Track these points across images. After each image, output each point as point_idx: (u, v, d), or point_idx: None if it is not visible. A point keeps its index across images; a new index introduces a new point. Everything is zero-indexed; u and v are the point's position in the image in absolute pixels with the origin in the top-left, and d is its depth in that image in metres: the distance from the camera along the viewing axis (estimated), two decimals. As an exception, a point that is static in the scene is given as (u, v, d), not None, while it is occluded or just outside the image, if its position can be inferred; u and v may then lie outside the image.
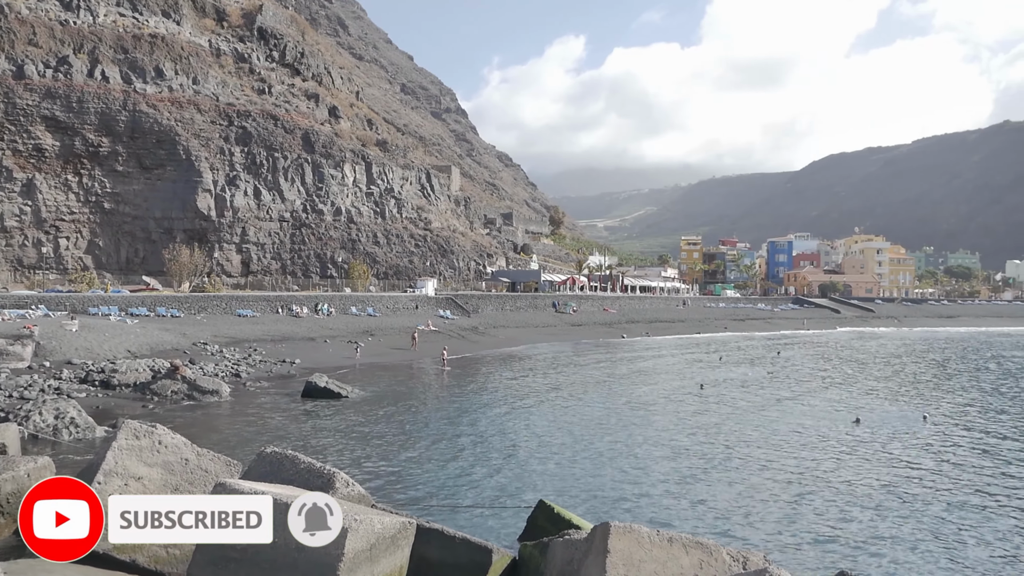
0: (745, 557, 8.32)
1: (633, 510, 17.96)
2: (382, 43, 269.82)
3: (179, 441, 11.51)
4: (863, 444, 26.20)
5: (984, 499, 19.44)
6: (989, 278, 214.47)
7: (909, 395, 40.21)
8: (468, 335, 67.40)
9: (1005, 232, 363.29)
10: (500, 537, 14.88)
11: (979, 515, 18.05)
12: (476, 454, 23.85)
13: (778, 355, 64.56)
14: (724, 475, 21.67)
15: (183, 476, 11.02)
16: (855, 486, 20.52)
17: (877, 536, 16.42)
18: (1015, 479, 21.62)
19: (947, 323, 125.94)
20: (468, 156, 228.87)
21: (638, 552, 7.73)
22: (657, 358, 60.20)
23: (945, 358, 64.85)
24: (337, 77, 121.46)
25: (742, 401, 36.66)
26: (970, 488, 20.52)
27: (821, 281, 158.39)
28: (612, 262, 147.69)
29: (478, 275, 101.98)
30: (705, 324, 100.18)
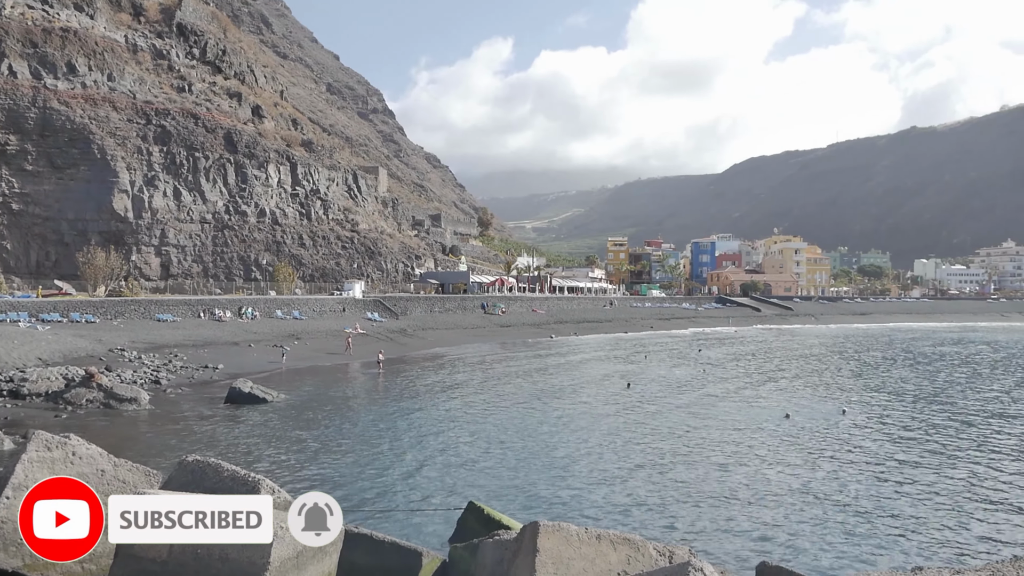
0: (671, 551, 8.49)
1: (563, 509, 18.12)
2: (307, 42, 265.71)
3: (95, 451, 11.09)
4: (789, 438, 27.03)
5: (897, 487, 20.28)
6: (899, 277, 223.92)
7: (829, 390, 41.63)
8: (397, 337, 66.88)
9: (913, 233, 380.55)
10: (430, 540, 14.84)
11: (894, 502, 18.82)
12: (406, 457, 23.69)
13: (699, 352, 66.10)
14: (653, 471, 22.06)
15: (99, 488, 10.61)
16: (779, 479, 21.15)
17: (798, 526, 16.96)
18: (924, 467, 22.61)
19: (861, 320, 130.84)
20: (396, 157, 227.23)
21: (567, 550, 7.81)
22: (585, 358, 60.86)
23: (860, 354, 67.38)
24: (260, 76, 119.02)
25: (669, 399, 37.35)
26: (885, 477, 21.38)
27: (743, 280, 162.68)
28: (540, 263, 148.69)
29: (406, 277, 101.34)
30: (632, 323, 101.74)
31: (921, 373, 51.09)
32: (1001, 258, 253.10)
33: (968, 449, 25.62)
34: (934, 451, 25.21)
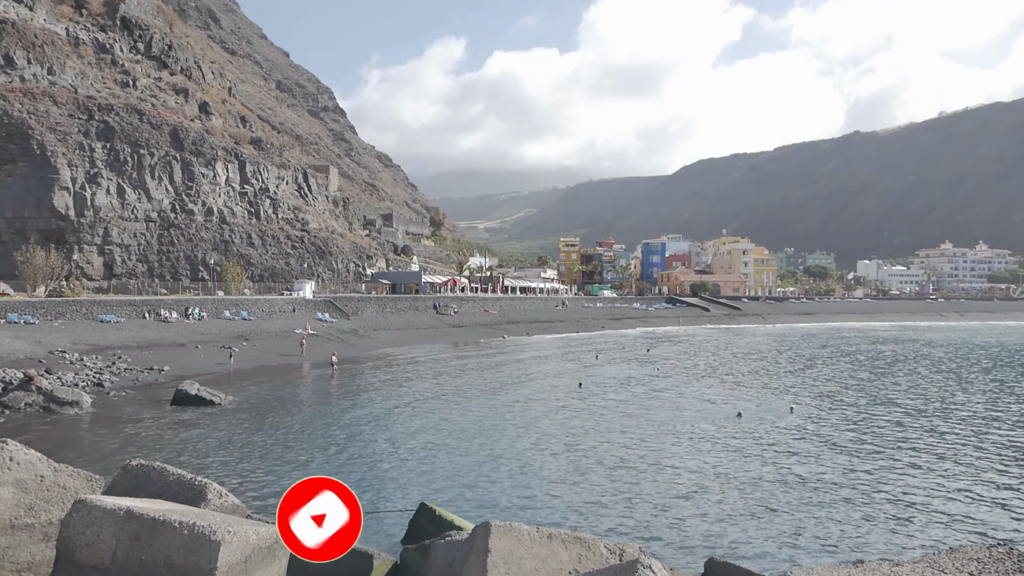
0: (622, 549, 8.58)
1: (515, 509, 18.18)
2: (256, 38, 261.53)
3: (33, 457, 10.76)
4: (740, 436, 27.50)
5: (841, 482, 20.79)
6: (842, 277, 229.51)
7: (778, 388, 42.45)
8: (348, 338, 66.28)
9: (856, 234, 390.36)
10: (382, 542, 14.77)
11: (837, 498, 19.28)
12: (357, 458, 23.51)
13: (648, 352, 66.87)
14: (605, 470, 22.25)
15: (38, 495, 10.31)
16: (730, 476, 21.52)
17: (747, 522, 17.28)
18: (867, 463, 23.22)
19: (806, 319, 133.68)
20: (347, 156, 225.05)
21: (518, 550, 7.83)
22: (537, 358, 61.07)
23: (806, 353, 68.83)
24: (208, 72, 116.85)
25: (621, 398, 37.71)
26: (830, 473, 21.90)
27: (692, 281, 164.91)
28: (493, 263, 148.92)
29: (357, 277, 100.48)
30: (583, 323, 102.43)
31: (864, 371, 52.41)
32: (939, 259, 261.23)
33: (908, 445, 26.37)
34: (876, 448, 25.90)
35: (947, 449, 25.64)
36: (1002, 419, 32.06)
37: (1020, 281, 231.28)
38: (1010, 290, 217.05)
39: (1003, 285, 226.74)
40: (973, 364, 58.17)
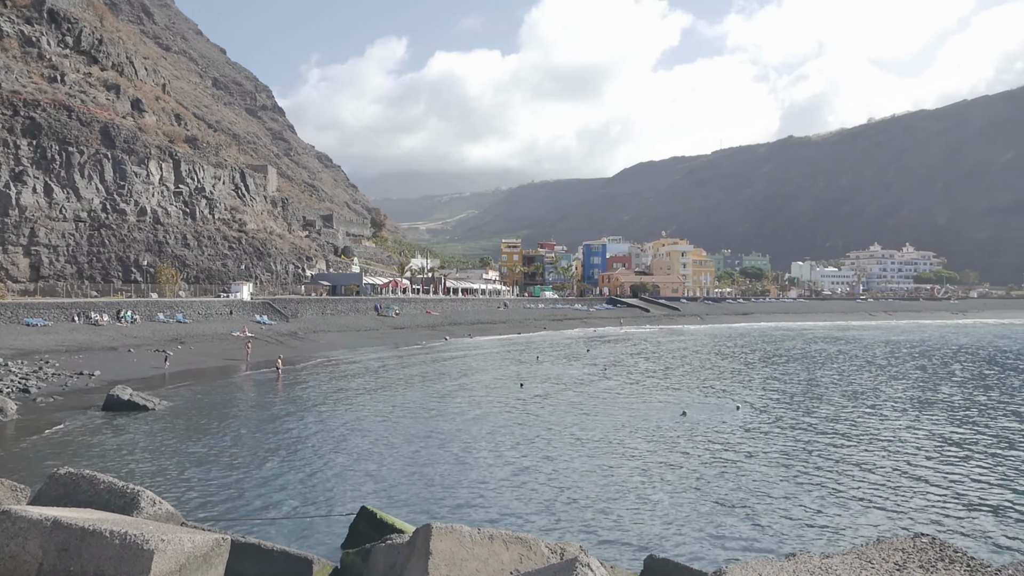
0: (562, 549, 8.65)
1: (458, 510, 18.17)
2: (192, 34, 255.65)
3: (-46, 466, 10.35)
4: (685, 435, 27.92)
5: (780, 478, 21.31)
6: (778, 278, 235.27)
7: (721, 387, 43.20)
8: (287, 340, 65.27)
9: (790, 236, 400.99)
10: (322, 547, 14.62)
11: (776, 493, 19.76)
12: (297, 463, 23.17)
13: (588, 352, 67.51)
14: (548, 470, 22.36)
15: (-40, 505, 9.91)
16: (673, 474, 21.85)
17: (688, 519, 17.58)
18: (804, 459, 23.85)
19: (743, 320, 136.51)
20: (286, 156, 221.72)
21: (460, 551, 7.83)
22: (479, 359, 61.06)
23: (746, 352, 70.29)
24: (141, 68, 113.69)
25: (562, 398, 37.95)
26: (769, 469, 22.42)
27: (632, 282, 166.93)
28: (435, 264, 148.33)
29: (297, 278, 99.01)
30: (525, 324, 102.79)
31: (801, 369, 53.78)
32: (868, 261, 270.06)
33: (841, 441, 27.16)
34: (812, 443, 26.61)
35: (877, 443, 26.51)
36: (928, 415, 33.27)
37: (944, 282, 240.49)
38: (935, 290, 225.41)
39: (928, 285, 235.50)
40: (901, 361, 60.20)
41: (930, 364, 58.50)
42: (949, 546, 6.95)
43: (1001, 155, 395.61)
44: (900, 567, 6.42)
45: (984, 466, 23.18)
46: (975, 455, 24.76)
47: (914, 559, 6.59)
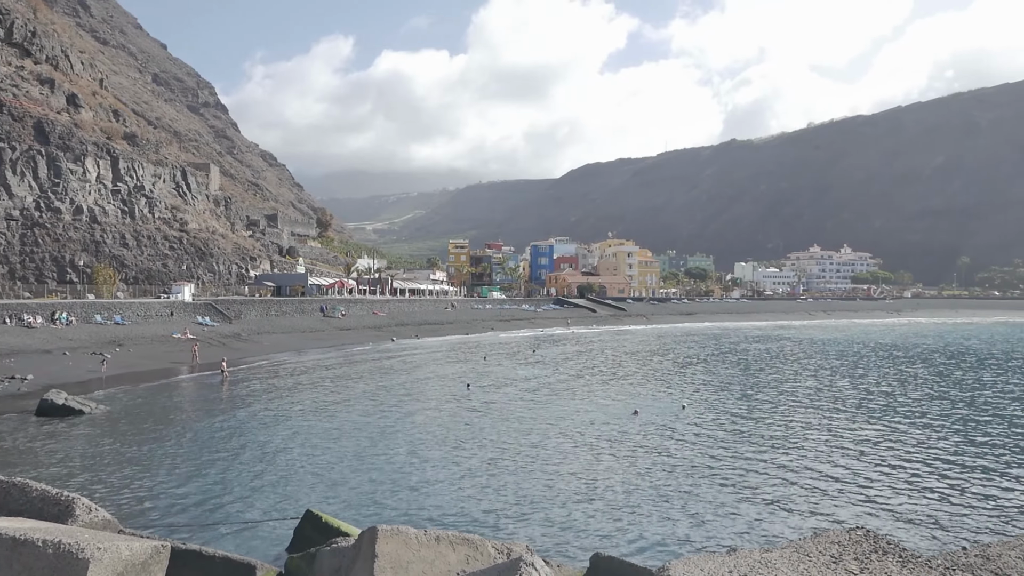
0: (509, 549, 8.67)
1: (405, 513, 18.09)
2: (131, 28, 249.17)
3: None
4: (637, 433, 28.22)
5: (724, 475, 21.71)
6: (721, 279, 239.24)
7: (669, 386, 43.76)
8: (230, 342, 64.08)
9: (733, 237, 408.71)
10: (267, 552, 14.45)
11: (720, 490, 20.13)
12: (241, 468, 22.79)
13: (533, 353, 67.83)
14: (497, 470, 22.40)
15: None
16: (621, 472, 22.09)
17: (634, 517, 17.80)
18: (747, 456, 24.34)
19: (688, 320, 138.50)
20: (229, 154, 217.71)
21: (406, 553, 7.80)
22: (426, 360, 60.82)
23: (692, 352, 71.36)
24: (77, 62, 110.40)
25: (509, 398, 38.03)
26: (712, 466, 22.83)
27: (580, 282, 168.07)
28: (381, 265, 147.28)
29: (240, 279, 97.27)
30: (473, 325, 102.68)
31: (744, 369, 54.86)
32: (808, 261, 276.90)
33: (782, 437, 27.79)
34: (755, 440, 27.17)
35: (815, 440, 27.19)
36: (865, 412, 34.25)
37: (880, 282, 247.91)
38: (871, 290, 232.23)
39: (865, 286, 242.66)
40: (839, 360, 61.81)
41: (867, 363, 60.20)
42: (883, 538, 7.20)
43: (933, 160, 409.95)
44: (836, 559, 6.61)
45: (916, 460, 23.95)
46: (908, 450, 25.57)
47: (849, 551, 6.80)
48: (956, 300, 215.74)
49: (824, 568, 6.12)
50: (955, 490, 20.33)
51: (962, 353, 69.62)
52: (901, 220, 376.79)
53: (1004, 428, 29.90)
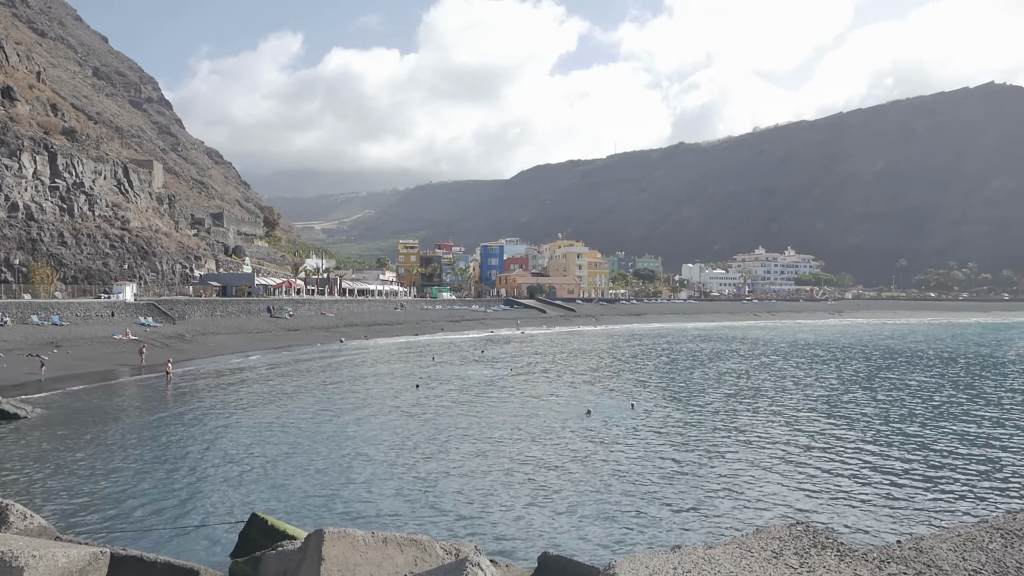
0: (457, 549, 8.71)
1: (353, 515, 17.97)
2: (70, 20, 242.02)
3: None
4: (589, 432, 28.42)
5: (671, 473, 22.03)
6: (669, 280, 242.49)
7: (619, 386, 44.17)
8: (174, 343, 62.71)
9: (681, 239, 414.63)
10: (211, 557, 14.23)
11: (667, 488, 20.42)
12: (185, 471, 22.35)
13: (482, 353, 67.90)
14: (446, 471, 22.37)
15: None
16: (572, 471, 22.25)
17: (585, 515, 17.95)
18: (693, 453, 24.73)
19: (637, 320, 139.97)
20: (173, 151, 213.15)
21: (353, 556, 7.77)
22: (375, 361, 60.41)
23: (641, 352, 72.15)
24: (13, 53, 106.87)
25: (460, 399, 37.98)
26: (660, 464, 23.14)
27: (529, 283, 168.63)
28: (330, 265, 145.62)
29: (185, 279, 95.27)
30: (423, 326, 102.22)
31: (691, 368, 55.68)
32: (754, 263, 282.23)
33: (727, 435, 28.30)
34: (701, 438, 27.61)
35: (759, 437, 27.76)
36: (806, 410, 35.08)
37: (822, 284, 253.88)
38: (814, 292, 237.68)
39: (808, 287, 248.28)
40: (781, 359, 63.16)
41: (810, 363, 61.63)
42: (822, 533, 7.41)
43: (873, 165, 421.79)
44: (777, 554, 6.78)
45: (854, 457, 24.63)
46: (846, 447, 26.27)
47: (790, 546, 6.98)
48: (895, 301, 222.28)
49: (765, 563, 6.27)
50: (890, 485, 20.98)
51: (898, 352, 71.75)
52: (843, 223, 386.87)
53: (933, 425, 30.91)
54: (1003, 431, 29.47)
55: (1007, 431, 29.47)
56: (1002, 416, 33.36)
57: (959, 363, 60.93)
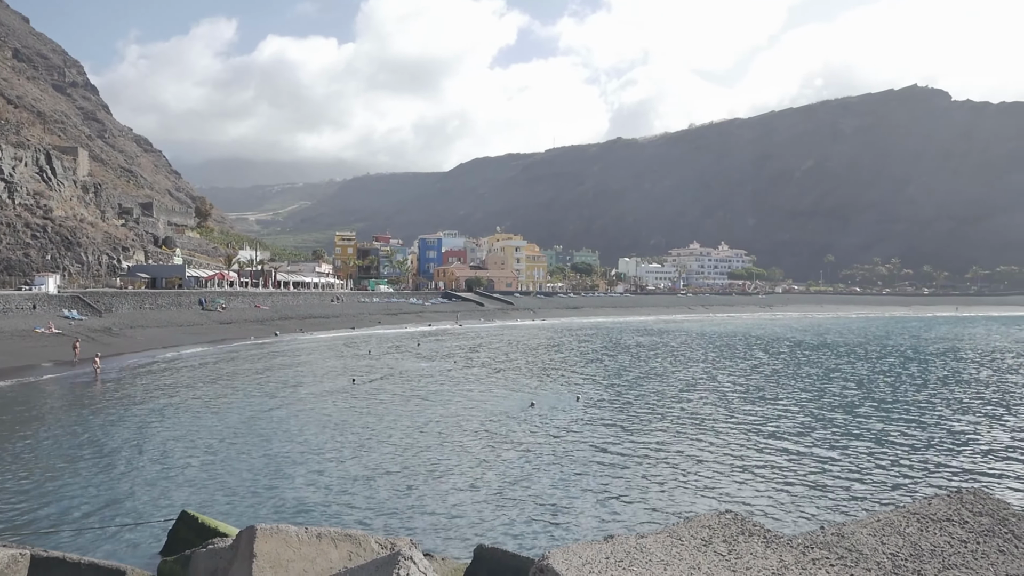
0: (392, 543, 8.67)
1: (288, 511, 17.74)
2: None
3: None
4: (529, 425, 28.57)
5: (609, 462, 22.32)
6: (606, 273, 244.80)
7: (561, 379, 44.44)
8: (100, 337, 60.75)
9: (618, 233, 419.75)
10: (139, 556, 13.91)
11: (603, 478, 20.69)
12: (113, 469, 21.72)
13: (418, 346, 67.76)
14: (383, 465, 22.24)
15: None
16: (510, 464, 22.36)
17: (523, 507, 18.08)
18: (630, 444, 25.11)
19: (575, 314, 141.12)
20: (99, 138, 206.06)
21: (286, 552, 7.69)
22: (311, 354, 59.64)
23: (580, 345, 72.84)
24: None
25: (396, 392, 37.79)
26: (601, 455, 23.42)
27: (468, 276, 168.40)
28: (265, 257, 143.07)
29: (112, 271, 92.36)
30: (360, 319, 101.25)
31: (630, 361, 56.48)
32: (688, 258, 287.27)
33: (663, 426, 28.82)
34: (639, 429, 28.05)
35: (694, 427, 28.34)
36: (737, 399, 35.96)
37: (754, 278, 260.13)
38: (746, 286, 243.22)
39: (740, 281, 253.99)
40: (717, 352, 64.59)
41: (741, 355, 63.14)
42: (749, 520, 7.57)
43: (803, 163, 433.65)
44: (706, 542, 6.92)
45: (783, 446, 25.36)
46: (777, 437, 27.03)
47: (719, 534, 7.11)
48: (822, 295, 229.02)
49: (695, 551, 6.42)
50: (816, 473, 21.67)
51: (823, 345, 74.06)
52: (774, 219, 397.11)
53: (856, 415, 32.04)
54: (920, 420, 30.72)
55: (924, 420, 30.73)
56: (919, 406, 34.77)
57: (881, 355, 63.20)
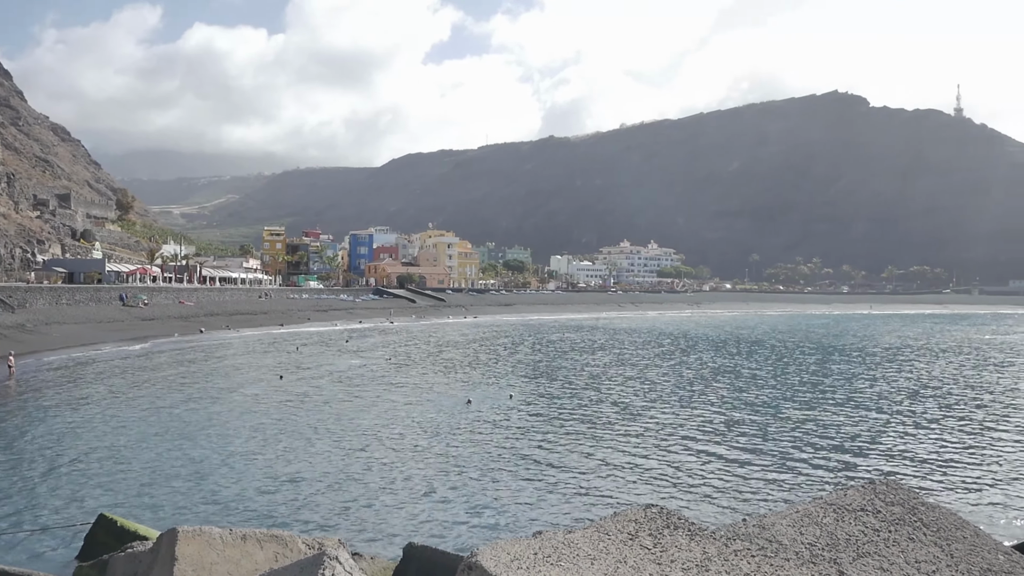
0: (320, 544, 8.58)
1: (213, 513, 17.36)
2: None
3: None
4: (468, 422, 28.52)
5: (540, 459, 22.50)
6: (538, 271, 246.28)
7: (494, 377, 44.54)
8: (13, 333, 58.16)
9: (550, 231, 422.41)
10: (54, 562, 13.47)
11: (534, 473, 20.85)
12: (26, 472, 20.90)
13: (347, 342, 67.26)
14: (312, 465, 21.95)
15: None
16: (444, 461, 22.35)
17: (455, 504, 18.11)
18: (562, 439, 25.36)
19: (507, 311, 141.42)
20: (13, 125, 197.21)
21: (209, 554, 7.52)
22: (237, 352, 58.40)
23: (512, 342, 73.12)
24: None
25: (324, 390, 37.34)
26: (532, 452, 23.58)
27: (400, 273, 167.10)
28: (189, 252, 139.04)
29: (26, 264, 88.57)
30: (289, 315, 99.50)
31: (564, 359, 57.02)
32: (619, 256, 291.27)
33: (592, 422, 29.20)
34: (569, 426, 28.34)
35: (622, 423, 28.80)
36: (663, 395, 36.70)
37: (683, 276, 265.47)
38: (675, 284, 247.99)
39: (669, 279, 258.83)
40: (646, 348, 65.72)
41: (668, 352, 64.42)
42: (675, 514, 7.73)
43: (730, 164, 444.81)
44: (633, 536, 7.03)
45: (708, 441, 25.93)
46: (702, 432, 27.67)
47: (645, 528, 7.23)
48: (747, 293, 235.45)
49: (622, 545, 6.54)
50: (739, 467, 22.29)
51: (748, 341, 76.14)
52: (702, 219, 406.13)
53: (778, 410, 33.07)
54: (838, 414, 31.88)
55: (841, 414, 31.90)
56: (837, 400, 36.07)
57: (804, 352, 65.29)
